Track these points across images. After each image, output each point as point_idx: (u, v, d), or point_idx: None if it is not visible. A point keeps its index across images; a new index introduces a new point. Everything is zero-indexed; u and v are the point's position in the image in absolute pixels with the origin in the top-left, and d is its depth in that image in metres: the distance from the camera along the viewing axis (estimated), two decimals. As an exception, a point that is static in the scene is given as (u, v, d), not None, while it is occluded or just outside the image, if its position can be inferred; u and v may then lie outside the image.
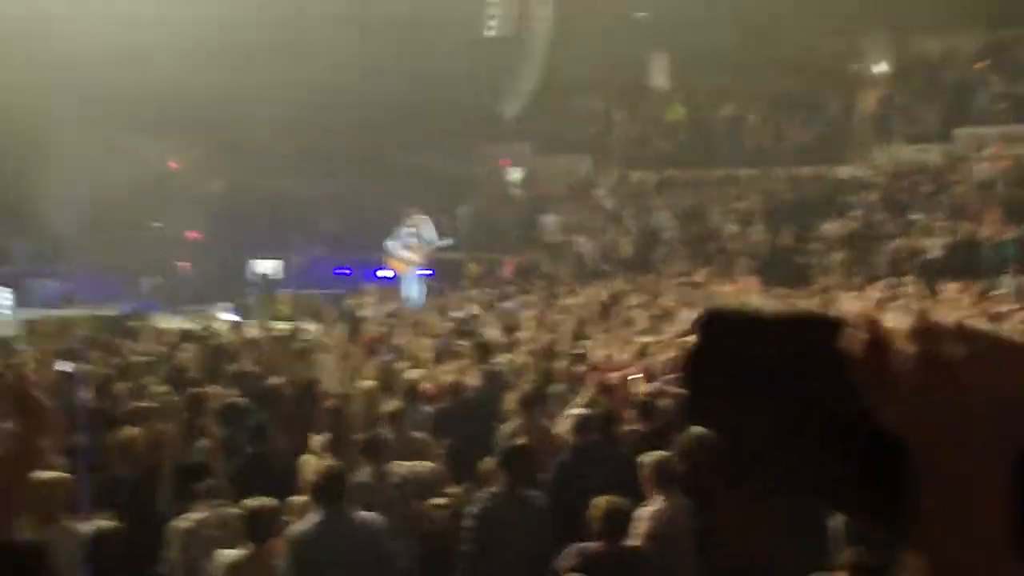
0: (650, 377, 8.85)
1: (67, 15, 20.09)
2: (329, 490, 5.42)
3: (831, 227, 21.53)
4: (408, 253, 17.06)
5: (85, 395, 8.32)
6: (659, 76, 30.62)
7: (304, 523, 5.44)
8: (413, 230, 17.31)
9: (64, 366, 9.22)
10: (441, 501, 6.60)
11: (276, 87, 25.17)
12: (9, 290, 19.66)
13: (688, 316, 12.53)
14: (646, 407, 7.78)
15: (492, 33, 27.10)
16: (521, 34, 26.70)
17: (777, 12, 27.35)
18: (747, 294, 15.30)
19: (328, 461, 5.72)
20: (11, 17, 19.45)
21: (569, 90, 30.17)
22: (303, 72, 25.89)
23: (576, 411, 7.33)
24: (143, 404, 8.05)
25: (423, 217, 17.60)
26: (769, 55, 29.18)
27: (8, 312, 18.37)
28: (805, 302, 15.27)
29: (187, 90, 24.63)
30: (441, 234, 20.24)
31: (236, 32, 24.38)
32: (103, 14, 20.74)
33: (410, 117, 26.67)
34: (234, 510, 5.63)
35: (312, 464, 5.84)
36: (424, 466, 6.84)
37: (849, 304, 13.84)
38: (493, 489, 6.09)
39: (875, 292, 14.38)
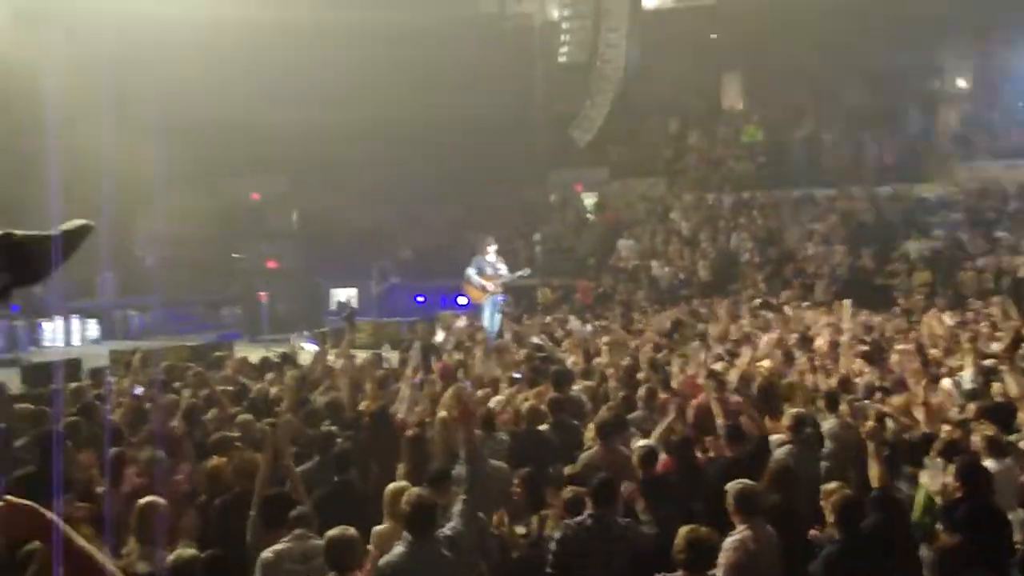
0: (728, 403, 8.78)
1: (152, 56, 20.69)
2: (420, 520, 5.47)
3: (913, 247, 21.10)
4: (485, 282, 17.12)
5: (171, 424, 8.53)
6: (734, 97, 30.43)
7: (394, 553, 5.50)
8: (491, 259, 17.36)
9: (138, 392, 9.48)
10: (522, 530, 6.62)
11: (354, 121, 25.63)
12: (96, 321, 20.33)
13: (766, 340, 12.41)
14: (732, 433, 7.72)
15: (564, 60, 27.20)
16: (594, 60, 26.72)
17: (854, 28, 27.02)
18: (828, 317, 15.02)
19: (418, 491, 5.76)
20: (100, 56, 20.10)
21: (644, 114, 30.16)
22: (379, 106, 26.33)
23: (642, 442, 7.29)
24: (229, 433, 8.21)
25: (496, 245, 17.68)
26: (847, 72, 28.83)
27: (95, 343, 19.01)
28: (888, 324, 15.01)
29: (268, 125, 25.25)
30: (517, 262, 20.32)
31: (316, 70, 24.92)
32: (186, 54, 21.31)
33: (487, 145, 26.89)
34: (316, 541, 5.72)
35: (400, 494, 5.87)
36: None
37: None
38: (581, 518, 6.10)
39: (950, 318, 13.98)
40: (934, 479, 6.61)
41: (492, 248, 17.38)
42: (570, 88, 27.27)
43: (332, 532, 5.43)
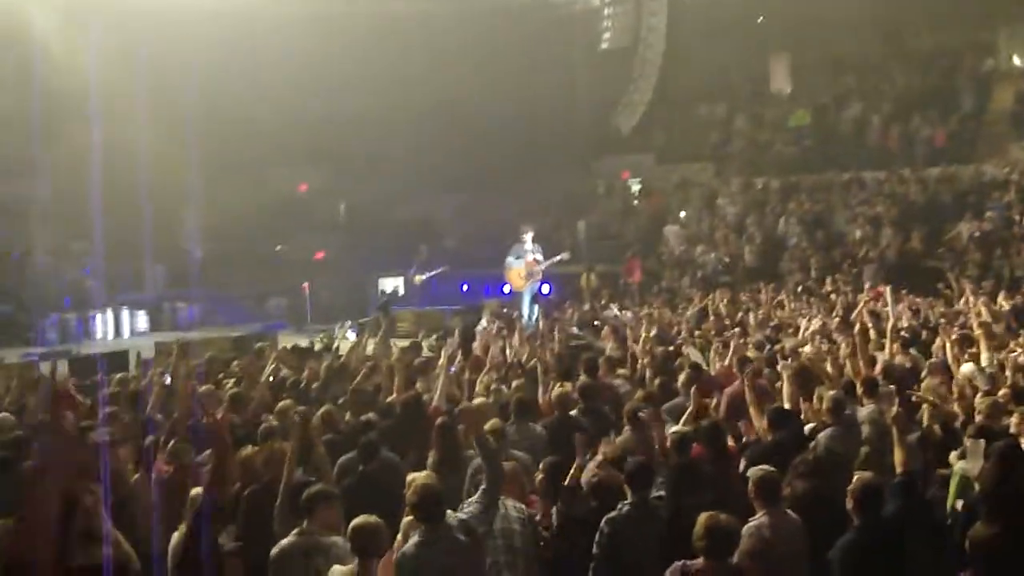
0: (762, 390, 8.69)
1: (196, 49, 20.92)
2: (425, 508, 5.50)
3: (964, 228, 20.67)
4: (524, 268, 17.12)
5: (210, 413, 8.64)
6: (781, 80, 30.02)
7: (410, 543, 5.54)
8: (528, 246, 17.36)
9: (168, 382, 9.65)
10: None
11: (400, 111, 25.74)
12: (144, 312, 20.69)
13: (806, 325, 12.26)
14: (774, 416, 7.67)
15: (607, 46, 27.05)
16: (636, 46, 26.55)
17: (903, 7, 26.56)
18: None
19: (422, 479, 5.78)
20: (144, 51, 20.39)
21: (690, 99, 29.92)
22: (424, 96, 26.41)
23: (675, 429, 7.22)
24: (265, 423, 8.30)
25: (533, 232, 17.67)
26: (896, 52, 28.34)
27: (145, 334, 19.36)
28: (933, 309, 14.73)
29: (314, 116, 25.46)
30: (562, 249, 20.29)
31: (360, 61, 25.04)
32: (231, 46, 21.52)
33: (530, 133, 26.86)
34: (322, 538, 5.80)
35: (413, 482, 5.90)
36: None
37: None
38: (622, 507, 6.10)
39: (1005, 301, 13.65)
40: (973, 463, 6.47)
41: (529, 235, 17.38)
42: (614, 74, 27.11)
43: (357, 520, 5.48)
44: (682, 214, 25.98)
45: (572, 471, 6.64)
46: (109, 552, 5.24)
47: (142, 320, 20.71)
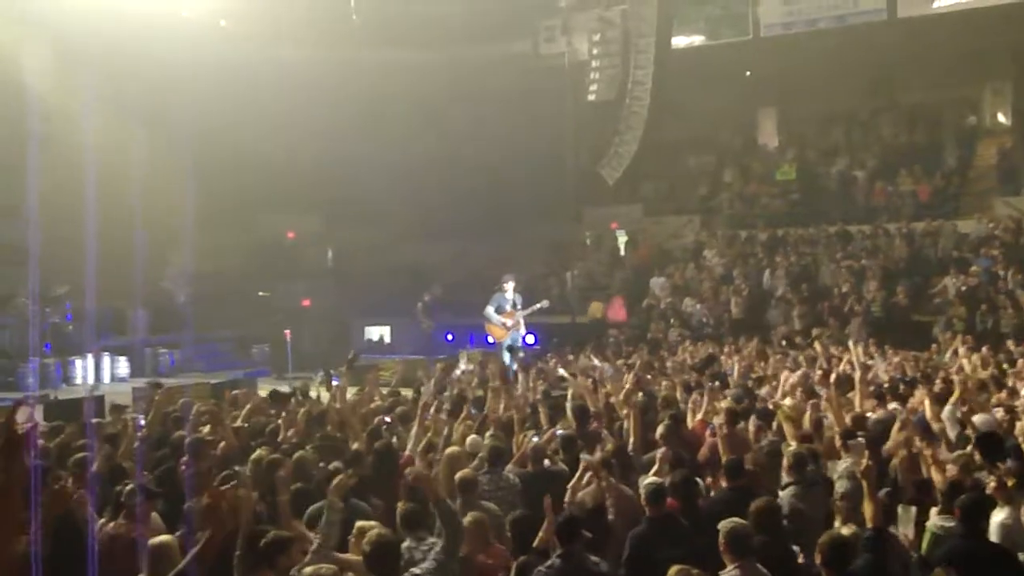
0: (736, 439, 8.63)
1: (188, 93, 21.03)
2: (379, 560, 5.37)
3: (950, 284, 20.71)
4: (505, 319, 17.08)
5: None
6: (769, 133, 30.31)
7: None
8: (509, 295, 17.35)
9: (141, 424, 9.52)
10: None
11: (388, 159, 25.85)
12: (125, 358, 20.54)
13: (786, 379, 12.20)
14: (730, 466, 7.60)
15: (594, 98, 27.26)
16: (623, 98, 26.76)
17: (890, 63, 26.90)
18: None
19: (378, 531, 5.67)
20: (137, 95, 20.50)
21: (678, 151, 30.12)
22: (414, 144, 26.57)
23: (648, 480, 7.13)
24: (233, 469, 8.18)
25: (514, 282, 17.67)
26: (882, 108, 28.64)
27: (125, 380, 19.21)
28: (920, 364, 14.71)
29: (303, 163, 25.54)
30: (549, 299, 20.29)
31: (350, 108, 25.19)
32: (222, 91, 21.62)
33: (519, 182, 26.98)
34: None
35: (363, 534, 5.79)
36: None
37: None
38: (552, 561, 5.97)
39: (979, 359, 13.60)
40: (904, 527, 6.44)
41: (511, 284, 17.37)
42: (602, 126, 27.31)
43: (307, 570, 5.37)
44: (668, 266, 26.00)
45: (541, 534, 6.51)
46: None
47: (123, 365, 20.56)
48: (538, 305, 18.02)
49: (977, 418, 9.35)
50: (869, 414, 9.89)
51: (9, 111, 19.23)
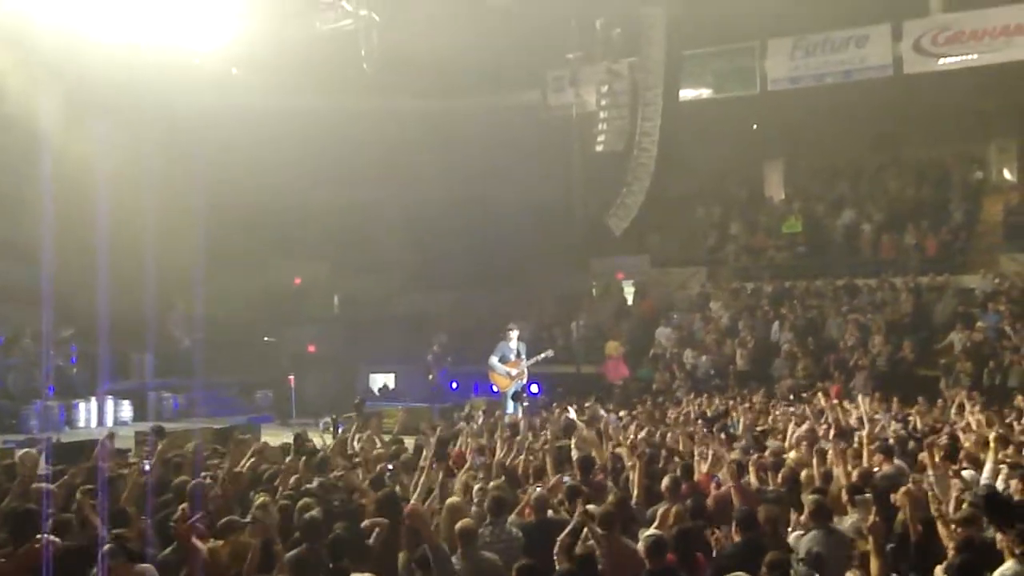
0: (746, 493, 8.59)
1: (197, 141, 21.23)
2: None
3: (956, 339, 20.66)
4: (509, 368, 17.07)
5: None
6: (775, 186, 30.43)
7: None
8: (513, 345, 17.36)
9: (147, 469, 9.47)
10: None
11: (396, 207, 26.02)
12: (129, 402, 20.53)
13: (792, 431, 12.15)
14: (742, 518, 7.54)
15: (601, 148, 27.44)
16: (630, 149, 26.93)
17: (896, 118, 27.08)
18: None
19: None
20: (146, 143, 20.69)
21: (684, 202, 30.24)
22: (422, 193, 26.74)
23: (648, 533, 7.06)
24: (234, 517, 8.14)
25: (519, 331, 17.69)
26: (888, 162, 28.78)
27: (127, 424, 19.17)
28: (925, 418, 14.63)
29: (310, 210, 25.70)
30: (552, 347, 20.28)
31: (358, 157, 25.40)
32: (230, 139, 21.83)
33: (526, 232, 27.06)
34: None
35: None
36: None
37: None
38: None
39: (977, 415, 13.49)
40: None
41: (515, 333, 17.37)
42: (609, 176, 27.45)
43: None
44: (675, 316, 25.98)
45: None
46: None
47: (126, 409, 20.54)
48: (543, 355, 18.01)
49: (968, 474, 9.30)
50: (876, 470, 9.80)
51: (22, 154, 19.44)
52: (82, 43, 19.23)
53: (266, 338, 24.26)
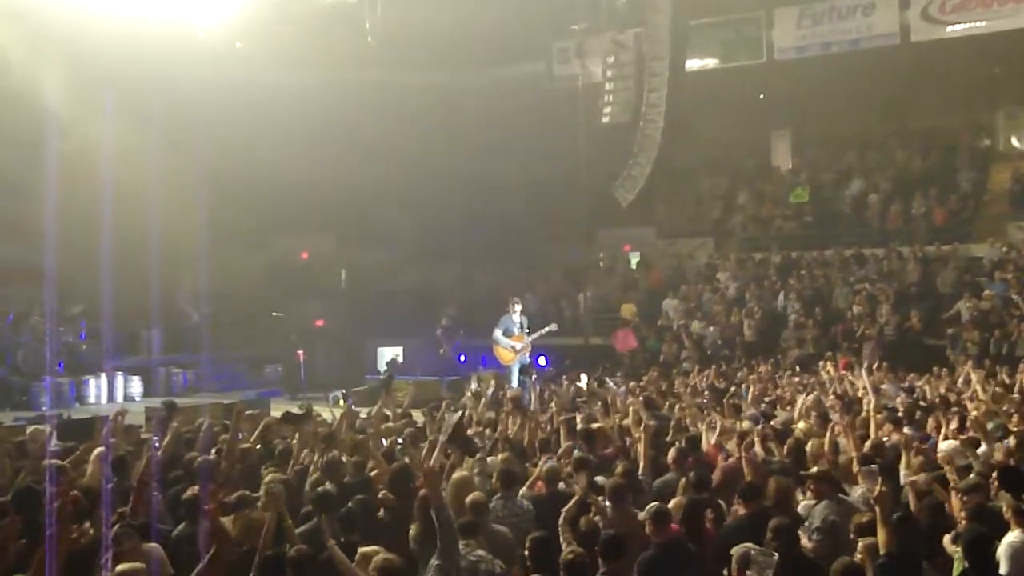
0: (755, 465, 8.61)
1: (202, 115, 21.15)
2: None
3: (964, 308, 20.64)
4: (513, 342, 17.09)
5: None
6: (782, 156, 30.30)
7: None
8: (517, 318, 17.35)
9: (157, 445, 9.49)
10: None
11: (403, 180, 25.89)
12: (139, 378, 20.60)
13: (801, 402, 12.16)
14: (747, 490, 7.57)
15: (607, 120, 27.30)
16: (637, 120, 26.80)
17: (904, 87, 26.91)
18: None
19: (384, 556, 5.67)
20: (152, 116, 20.61)
21: (691, 173, 30.14)
22: (428, 165, 26.63)
23: (653, 504, 7.08)
24: (246, 492, 8.17)
25: (522, 304, 17.69)
26: (896, 131, 28.63)
27: (137, 400, 19.24)
28: (930, 387, 14.64)
29: (317, 183, 25.59)
30: (561, 321, 20.29)
31: (364, 129, 25.29)
32: (236, 113, 21.76)
33: (532, 204, 27.00)
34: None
35: (369, 558, 5.78)
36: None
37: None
38: None
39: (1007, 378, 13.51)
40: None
41: (518, 307, 17.36)
42: (615, 148, 27.35)
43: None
44: (682, 287, 25.97)
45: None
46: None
47: (136, 385, 20.62)
48: (547, 328, 17.98)
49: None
50: (885, 439, 9.81)
51: (27, 131, 19.38)
52: (86, 17, 19.12)
53: (274, 313, 24.28)
